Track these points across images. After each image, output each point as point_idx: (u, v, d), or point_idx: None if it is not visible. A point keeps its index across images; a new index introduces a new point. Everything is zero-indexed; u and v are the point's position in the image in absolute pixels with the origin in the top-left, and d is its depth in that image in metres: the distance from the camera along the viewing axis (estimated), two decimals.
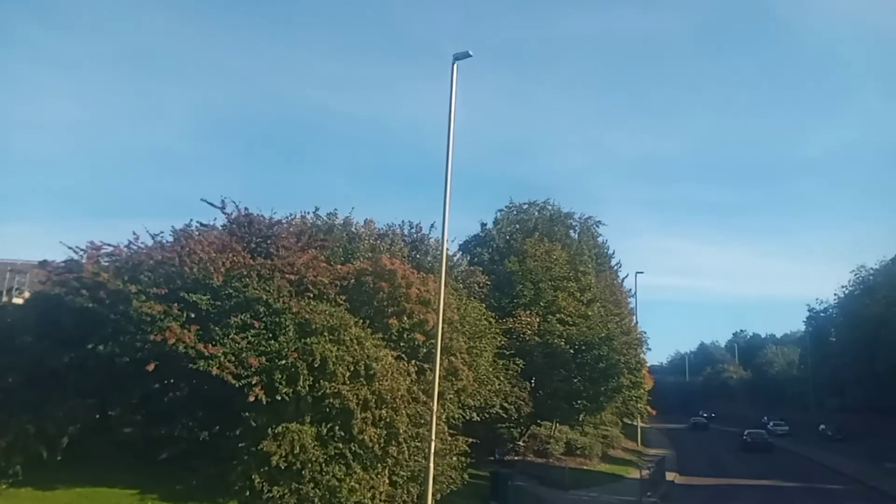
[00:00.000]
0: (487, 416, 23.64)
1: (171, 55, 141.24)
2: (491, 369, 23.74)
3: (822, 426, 48.72)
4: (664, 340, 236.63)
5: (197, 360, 15.00)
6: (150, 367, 14.89)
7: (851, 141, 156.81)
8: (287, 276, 17.64)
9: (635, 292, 49.32)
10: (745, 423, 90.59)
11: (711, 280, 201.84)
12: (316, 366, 15.72)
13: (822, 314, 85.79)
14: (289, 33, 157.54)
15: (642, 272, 49.55)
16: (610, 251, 49.24)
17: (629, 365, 37.95)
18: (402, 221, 29.13)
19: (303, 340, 16.15)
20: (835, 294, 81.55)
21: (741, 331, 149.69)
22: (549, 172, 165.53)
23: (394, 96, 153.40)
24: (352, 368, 16.10)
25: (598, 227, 45.49)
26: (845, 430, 61.77)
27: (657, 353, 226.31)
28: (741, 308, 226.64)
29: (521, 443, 32.11)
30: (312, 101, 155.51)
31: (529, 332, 30.71)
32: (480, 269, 32.39)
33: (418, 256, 28.90)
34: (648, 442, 54.33)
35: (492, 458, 29.60)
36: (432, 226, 29.07)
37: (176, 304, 15.64)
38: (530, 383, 29.82)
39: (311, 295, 18.04)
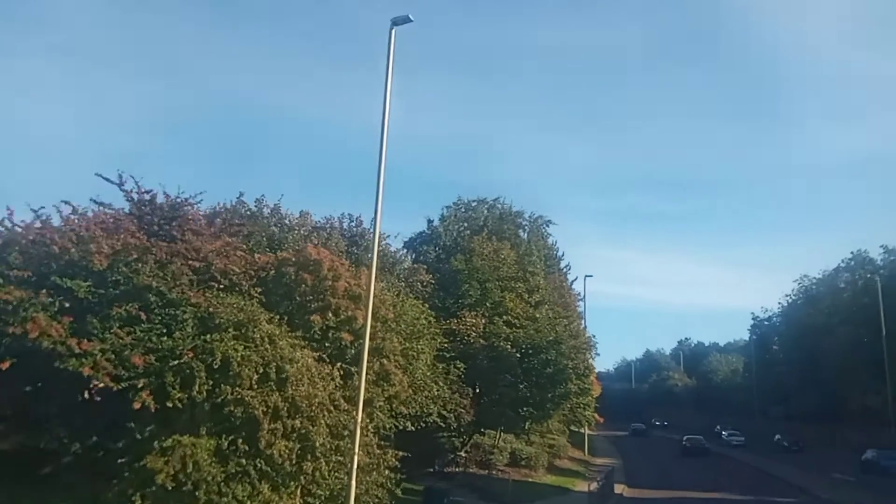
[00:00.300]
0: (424, 424, 21.51)
1: (114, 47, 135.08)
2: (429, 373, 21.61)
3: (777, 436, 48.57)
4: (611, 348, 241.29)
5: (66, 359, 12.41)
6: (4, 366, 12.24)
7: (792, 160, 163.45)
8: (190, 262, 15.14)
9: (584, 296, 48.12)
10: (692, 430, 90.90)
11: (658, 289, 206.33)
12: (216, 367, 13.32)
13: (765, 322, 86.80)
14: (237, 29, 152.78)
15: (591, 276, 48.07)
16: (559, 252, 47.90)
17: (577, 370, 36.36)
18: (342, 214, 26.83)
19: (202, 337, 13.72)
20: (779, 303, 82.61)
21: (686, 339, 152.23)
22: (501, 179, 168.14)
23: (348, 97, 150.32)
24: (260, 371, 13.73)
25: (547, 226, 44.02)
26: (801, 441, 60.36)
27: (604, 360, 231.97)
28: (687, 317, 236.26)
29: (462, 453, 30.11)
30: (262, 99, 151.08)
31: (474, 334, 28.75)
32: (425, 267, 30.32)
33: (357, 252, 26.58)
34: (595, 450, 53.14)
35: (431, 471, 27.49)
36: (373, 219, 26.77)
37: (45, 291, 13.01)
38: (474, 389, 27.84)
39: (220, 286, 15.56)
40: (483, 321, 29.44)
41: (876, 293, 62.45)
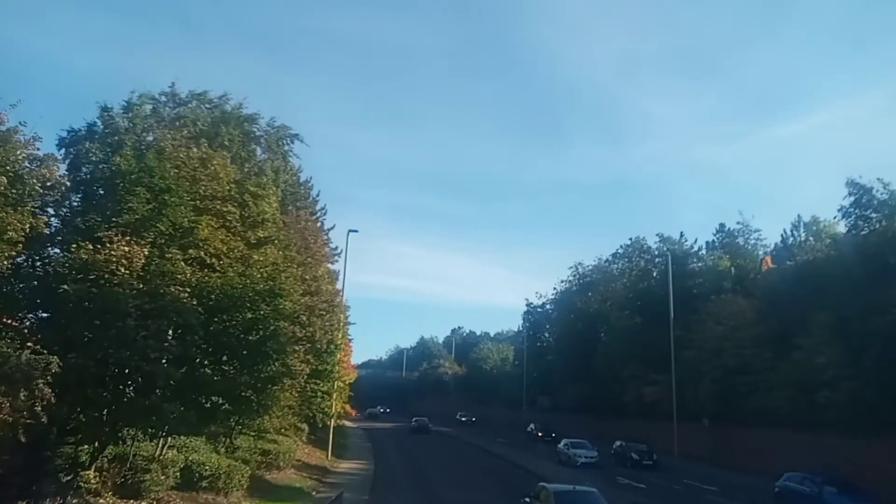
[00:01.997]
0: None
1: None
2: None
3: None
4: (390, 339, 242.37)
5: None
6: None
7: (566, 174, 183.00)
8: None
9: (346, 254, 37.43)
10: (462, 422, 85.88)
11: (440, 284, 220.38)
12: None
13: (538, 309, 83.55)
14: None
15: (356, 230, 37.64)
16: (311, 185, 36.72)
17: (316, 345, 25.70)
18: None
19: None
20: (554, 288, 79.58)
21: (459, 327, 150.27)
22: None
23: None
24: None
25: (293, 142, 32.28)
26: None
27: (378, 349, 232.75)
28: (466, 313, 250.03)
29: (92, 473, 17.68)
30: None
31: (124, 271, 16.50)
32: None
33: None
34: (346, 451, 43.07)
35: None
36: None
37: None
38: (104, 364, 15.70)
39: None
40: (145, 250, 17.30)
41: (654, 279, 60.45)
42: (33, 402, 13.16)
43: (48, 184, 16.99)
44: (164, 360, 16.13)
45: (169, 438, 19.36)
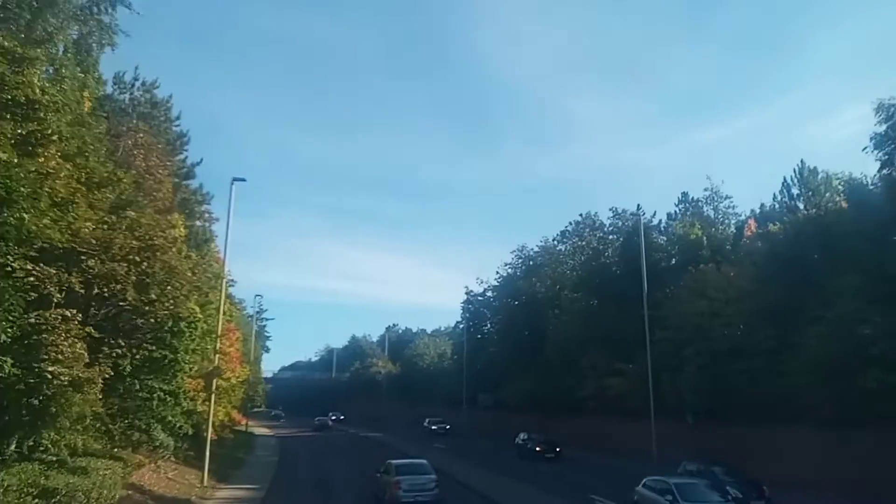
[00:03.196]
0: None
1: None
2: None
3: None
4: (323, 342, 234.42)
5: None
6: None
7: (494, 175, 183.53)
8: None
9: (230, 208, 27.79)
10: (398, 425, 76.59)
11: (377, 286, 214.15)
12: None
13: (479, 298, 75.10)
14: None
15: (244, 180, 28.21)
16: (171, 104, 27.32)
17: (149, 320, 16.33)
18: None
19: None
20: (497, 273, 71.37)
21: (393, 325, 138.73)
22: (231, 168, 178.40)
23: None
24: None
25: (114, 10, 22.20)
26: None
27: (308, 351, 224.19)
28: (400, 314, 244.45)
29: None
30: None
31: None
32: None
33: None
34: (239, 468, 33.53)
35: None
36: None
37: None
38: None
39: None
40: None
41: (607, 257, 53.04)
42: None
43: None
44: None
45: None
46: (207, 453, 26.31)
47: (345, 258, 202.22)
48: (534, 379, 52.94)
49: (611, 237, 56.07)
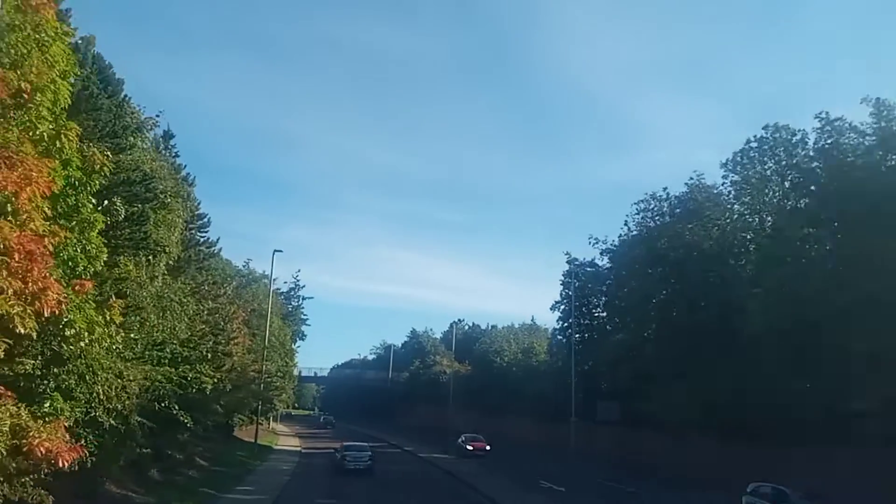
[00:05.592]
0: None
1: None
2: None
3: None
4: (379, 340, 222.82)
5: None
6: None
7: (564, 182, 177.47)
8: None
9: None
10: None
11: (438, 292, 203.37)
12: None
13: (588, 269, 54.11)
14: None
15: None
16: None
17: None
18: None
19: None
20: (620, 234, 50.31)
21: (460, 320, 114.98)
22: (296, 170, 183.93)
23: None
24: None
25: None
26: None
27: (363, 348, 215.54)
28: (466, 318, 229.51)
29: None
30: None
31: None
32: None
33: None
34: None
35: None
36: None
37: None
38: None
39: None
40: None
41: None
42: None
43: None
44: None
45: None
46: None
47: (406, 263, 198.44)
48: (709, 384, 31.88)
49: (812, 153, 34.46)
